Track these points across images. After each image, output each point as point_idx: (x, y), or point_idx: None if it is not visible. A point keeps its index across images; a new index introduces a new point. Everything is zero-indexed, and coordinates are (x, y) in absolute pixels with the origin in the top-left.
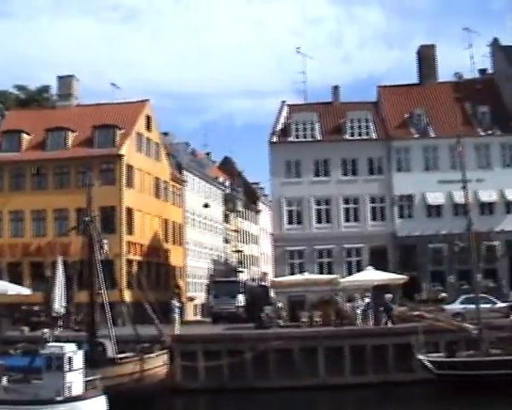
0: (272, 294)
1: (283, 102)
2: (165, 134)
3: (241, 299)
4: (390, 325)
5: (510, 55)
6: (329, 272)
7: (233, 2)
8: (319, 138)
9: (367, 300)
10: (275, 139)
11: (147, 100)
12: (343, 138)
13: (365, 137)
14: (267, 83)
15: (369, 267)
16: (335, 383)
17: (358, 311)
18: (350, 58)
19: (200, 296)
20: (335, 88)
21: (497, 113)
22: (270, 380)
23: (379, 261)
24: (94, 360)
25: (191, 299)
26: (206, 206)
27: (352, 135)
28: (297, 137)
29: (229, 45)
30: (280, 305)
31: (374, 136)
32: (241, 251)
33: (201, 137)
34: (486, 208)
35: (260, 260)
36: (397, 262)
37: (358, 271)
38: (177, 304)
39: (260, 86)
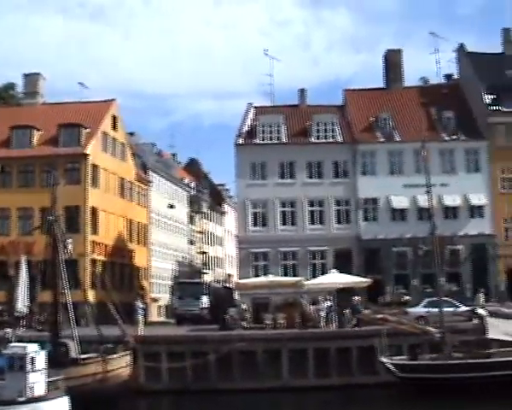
0: (236, 296)
1: (250, 104)
2: (131, 134)
3: (205, 300)
4: (356, 327)
5: (476, 61)
6: (294, 275)
7: (201, 4)
8: (285, 141)
9: (328, 303)
10: (241, 141)
11: (113, 100)
12: (309, 141)
13: (331, 141)
14: (235, 85)
15: (334, 270)
16: (299, 386)
17: (322, 313)
18: (317, 61)
19: (165, 297)
20: (302, 91)
21: (461, 118)
22: (233, 382)
23: (343, 264)
24: (57, 361)
25: (155, 300)
26: (171, 207)
27: (318, 138)
28: (263, 140)
29: (198, 47)
30: (244, 307)
31: (339, 139)
32: (205, 253)
33: (168, 137)
34: (450, 213)
35: (225, 262)
36: (361, 265)
37: (323, 273)
38: (141, 305)
39: (228, 88)
